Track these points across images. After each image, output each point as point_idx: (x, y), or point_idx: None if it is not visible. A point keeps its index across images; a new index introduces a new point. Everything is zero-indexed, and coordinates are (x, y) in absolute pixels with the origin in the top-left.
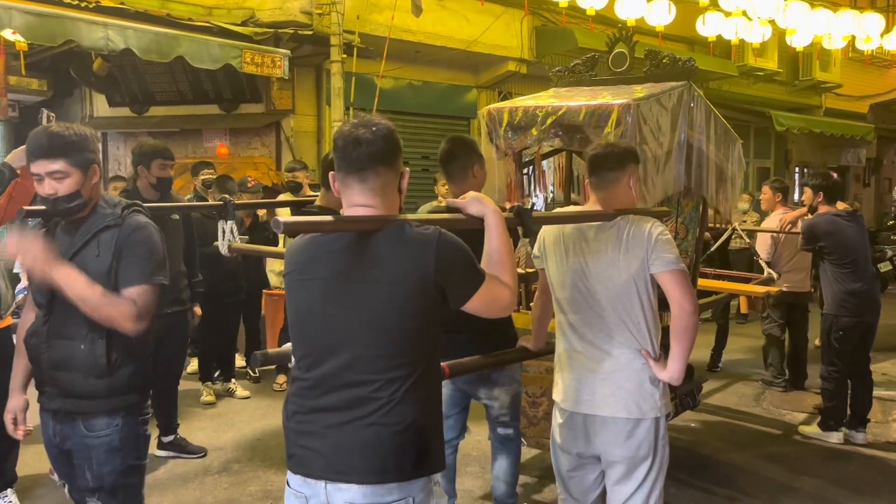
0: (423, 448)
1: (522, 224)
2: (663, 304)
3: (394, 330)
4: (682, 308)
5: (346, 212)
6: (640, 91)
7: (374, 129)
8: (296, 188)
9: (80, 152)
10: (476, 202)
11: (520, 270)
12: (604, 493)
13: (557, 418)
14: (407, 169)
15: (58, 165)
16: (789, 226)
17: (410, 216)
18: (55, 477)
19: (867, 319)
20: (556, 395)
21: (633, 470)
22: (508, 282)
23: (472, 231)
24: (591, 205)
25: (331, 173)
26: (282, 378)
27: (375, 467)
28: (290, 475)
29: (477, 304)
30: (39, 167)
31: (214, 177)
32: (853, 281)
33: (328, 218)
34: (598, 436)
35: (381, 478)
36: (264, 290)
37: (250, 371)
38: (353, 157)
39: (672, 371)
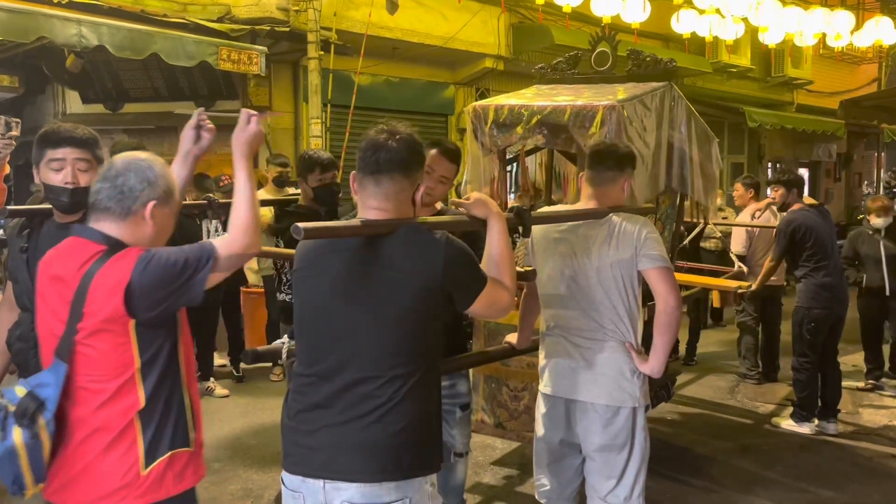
0: (421, 448)
1: (522, 224)
2: (646, 297)
3: (398, 329)
4: (667, 303)
5: (360, 213)
6: (622, 91)
7: (397, 136)
8: (283, 182)
9: (101, 151)
10: (480, 204)
11: (519, 269)
12: (583, 485)
13: (541, 408)
14: (422, 183)
15: (87, 155)
16: (759, 213)
17: (419, 219)
18: None
19: (837, 312)
20: (542, 385)
21: (612, 459)
22: (508, 284)
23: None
24: (585, 199)
25: (352, 173)
26: (279, 370)
27: (374, 467)
28: (285, 475)
29: (479, 307)
30: (65, 153)
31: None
32: (825, 275)
33: (346, 223)
34: (578, 422)
35: (380, 477)
36: (242, 288)
37: (234, 370)
38: (371, 160)
39: (654, 364)
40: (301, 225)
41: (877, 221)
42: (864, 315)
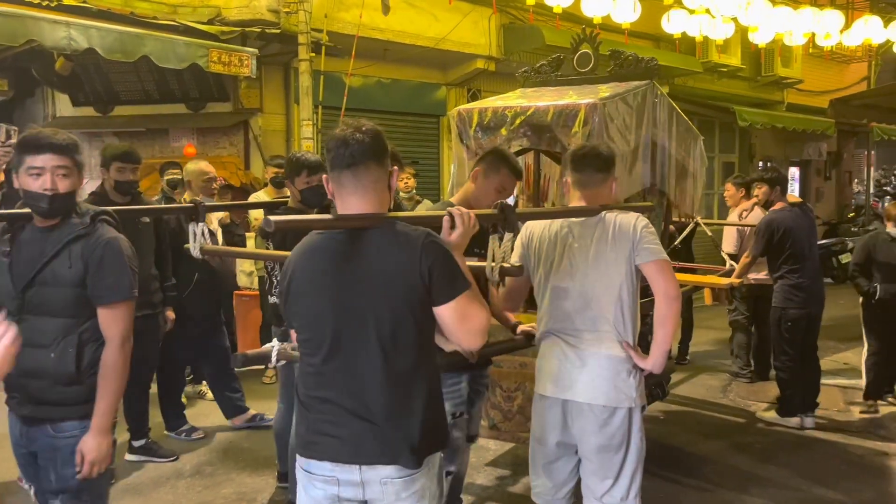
0: (437, 429)
1: (505, 219)
2: (642, 293)
3: (390, 323)
4: (667, 295)
5: (341, 210)
6: (604, 90)
7: (363, 129)
8: (281, 183)
9: (80, 156)
10: (458, 235)
11: (505, 265)
12: (578, 485)
13: (537, 409)
14: (395, 168)
15: (66, 161)
16: (746, 212)
17: (400, 214)
18: (24, 485)
19: (812, 311)
20: (538, 386)
21: (609, 460)
22: (487, 308)
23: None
24: (575, 203)
25: (324, 176)
26: (270, 372)
27: (406, 450)
28: (309, 462)
29: (451, 314)
30: (45, 161)
31: (180, 177)
32: (799, 276)
33: (318, 217)
34: (575, 423)
35: (411, 459)
36: (234, 292)
37: None
38: (345, 154)
39: (654, 358)
40: (272, 218)
41: None
42: (875, 330)
